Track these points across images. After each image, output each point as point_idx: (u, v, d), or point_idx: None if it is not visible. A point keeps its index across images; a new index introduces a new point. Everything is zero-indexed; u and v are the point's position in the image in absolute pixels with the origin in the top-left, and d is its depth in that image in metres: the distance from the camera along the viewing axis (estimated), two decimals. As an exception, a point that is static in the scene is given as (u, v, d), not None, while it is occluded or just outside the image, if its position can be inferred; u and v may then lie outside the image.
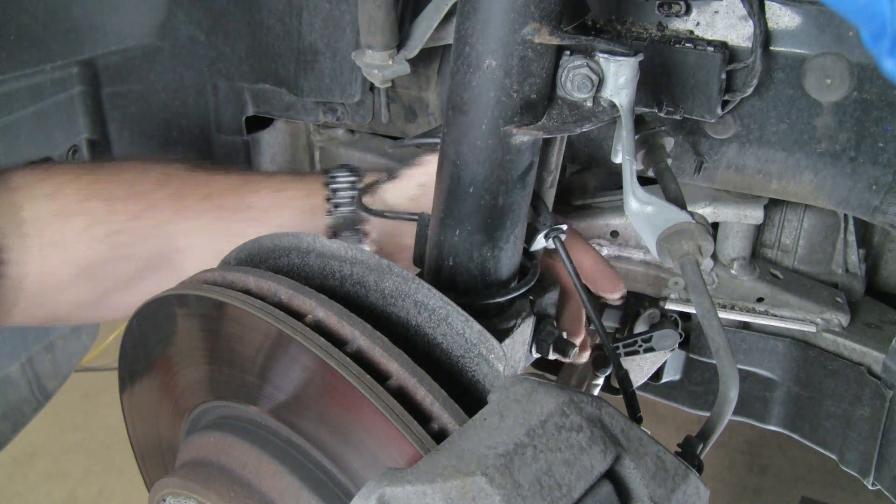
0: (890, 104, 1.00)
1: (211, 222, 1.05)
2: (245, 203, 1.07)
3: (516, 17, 0.72)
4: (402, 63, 0.99)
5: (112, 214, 1.01)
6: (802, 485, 2.57)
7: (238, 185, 1.09)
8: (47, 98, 1.21)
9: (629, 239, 1.34)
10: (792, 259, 1.37)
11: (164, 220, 1.03)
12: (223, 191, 1.07)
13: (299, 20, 1.27)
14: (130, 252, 1.02)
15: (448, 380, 0.71)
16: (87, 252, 1.00)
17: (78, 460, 2.69)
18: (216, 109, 1.45)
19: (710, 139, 1.12)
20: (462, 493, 0.55)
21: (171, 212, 1.03)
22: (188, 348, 0.83)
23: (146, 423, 0.97)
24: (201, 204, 1.05)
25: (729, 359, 0.77)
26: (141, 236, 1.02)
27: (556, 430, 0.61)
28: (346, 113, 1.35)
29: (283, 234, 0.84)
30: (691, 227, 0.83)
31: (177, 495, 0.80)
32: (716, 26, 1.01)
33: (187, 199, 1.05)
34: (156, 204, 1.03)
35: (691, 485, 0.65)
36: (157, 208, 1.03)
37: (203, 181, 1.07)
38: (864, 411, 1.24)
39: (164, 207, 1.03)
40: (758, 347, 1.35)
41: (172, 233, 1.03)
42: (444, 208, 0.85)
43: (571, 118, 0.80)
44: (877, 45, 0.43)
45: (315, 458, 0.72)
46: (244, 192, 1.08)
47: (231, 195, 1.07)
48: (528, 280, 0.92)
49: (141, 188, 1.03)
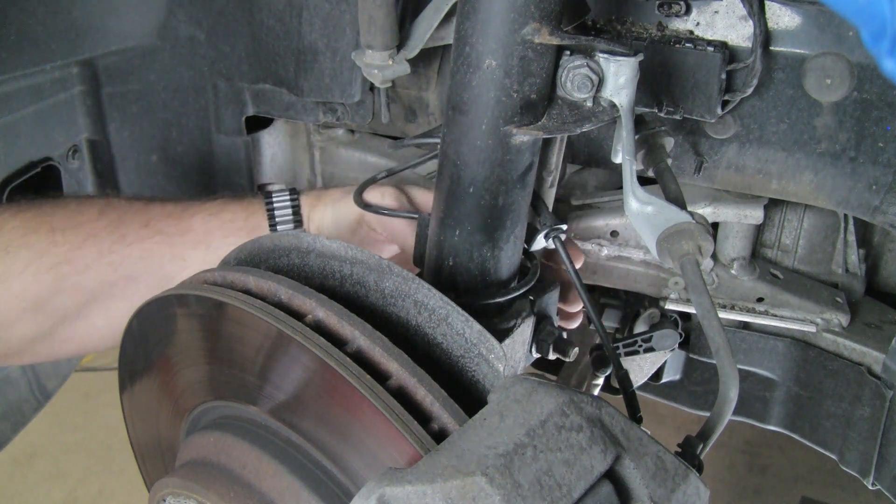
0: (890, 104, 1.00)
1: (153, 247, 1.06)
2: (184, 227, 1.08)
3: (516, 17, 0.72)
4: (402, 63, 0.99)
5: (54, 246, 1.01)
6: (802, 485, 2.57)
7: (176, 210, 1.10)
8: (47, 98, 1.21)
9: (629, 239, 1.34)
10: (792, 259, 1.37)
11: (107, 249, 1.04)
12: (162, 216, 1.09)
13: (299, 20, 1.27)
14: (77, 283, 1.02)
15: (448, 380, 0.71)
16: (32, 286, 1.00)
17: (78, 460, 2.69)
18: (216, 109, 1.44)
19: (710, 139, 1.12)
20: (462, 493, 0.55)
21: (112, 240, 1.04)
22: (188, 348, 0.83)
23: (146, 423, 0.97)
24: (142, 230, 1.06)
25: (729, 359, 0.77)
26: (85, 266, 1.03)
27: (556, 430, 0.61)
28: (346, 113, 1.35)
29: (283, 235, 0.84)
30: (691, 227, 0.83)
31: (177, 495, 0.80)
32: (716, 26, 1.01)
33: (127, 226, 1.06)
34: (97, 233, 1.04)
35: (691, 485, 0.65)
36: (98, 237, 1.03)
37: (142, 209, 1.09)
38: (864, 411, 1.24)
39: (106, 236, 1.04)
40: (758, 347, 1.35)
41: (115, 261, 1.04)
42: (444, 208, 0.85)
43: (571, 118, 0.80)
44: (877, 45, 0.43)
45: (315, 458, 0.72)
46: (182, 217, 1.09)
47: (170, 220, 1.08)
48: (528, 280, 0.92)
49: (80, 218, 1.04)
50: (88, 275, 1.03)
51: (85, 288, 1.03)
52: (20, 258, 1.00)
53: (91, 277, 1.03)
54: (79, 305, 1.04)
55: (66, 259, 1.01)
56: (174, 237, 1.07)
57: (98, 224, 1.04)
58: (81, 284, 1.03)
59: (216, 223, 1.09)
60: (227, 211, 1.11)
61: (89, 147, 1.31)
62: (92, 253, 1.03)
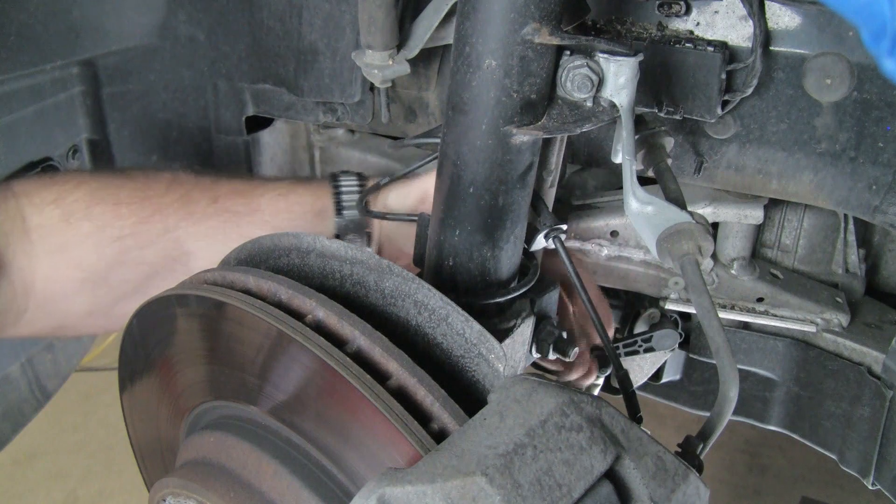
0: (890, 104, 1.00)
1: (219, 225, 1.05)
2: (253, 206, 1.07)
3: (516, 17, 0.72)
4: (402, 63, 0.99)
5: (119, 219, 1.00)
6: (802, 485, 2.57)
7: (245, 188, 1.09)
8: (47, 98, 1.21)
9: (629, 239, 1.34)
10: (792, 259, 1.37)
11: (173, 225, 1.02)
12: (231, 194, 1.07)
13: (299, 20, 1.27)
14: (139, 257, 1.01)
15: (448, 380, 0.71)
16: (94, 257, 0.99)
17: (78, 460, 2.69)
18: (216, 109, 1.44)
19: (710, 139, 1.12)
20: (462, 493, 0.55)
21: (180, 216, 1.03)
22: (188, 348, 0.83)
23: (146, 423, 0.97)
24: (209, 208, 1.05)
25: (729, 359, 0.77)
26: (149, 241, 1.01)
27: (556, 430, 0.61)
28: (346, 113, 1.35)
29: (283, 234, 0.84)
30: (691, 227, 0.83)
31: (177, 495, 0.80)
32: (716, 26, 1.01)
33: (195, 204, 1.04)
34: (163, 208, 1.02)
35: (691, 485, 0.65)
36: (164, 213, 1.02)
37: (210, 185, 1.07)
38: (864, 411, 1.24)
39: (172, 212, 1.03)
40: (758, 347, 1.35)
41: (181, 237, 1.03)
42: (444, 208, 0.85)
43: (571, 118, 0.80)
44: (877, 45, 0.43)
45: (315, 458, 0.72)
46: (252, 196, 1.08)
47: (239, 198, 1.07)
48: (528, 280, 0.92)
49: (148, 192, 1.03)
50: (152, 250, 1.01)
51: (147, 262, 1.02)
52: (82, 229, 0.98)
53: (154, 253, 1.02)
54: (140, 280, 1.02)
55: (132, 233, 1.00)
56: (242, 216, 1.06)
57: (165, 199, 1.03)
58: (144, 258, 1.01)
59: (284, 204, 1.08)
60: (294, 193, 1.10)
61: (89, 147, 1.31)
62: (158, 228, 1.01)
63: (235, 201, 1.07)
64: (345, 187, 1.11)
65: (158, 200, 1.03)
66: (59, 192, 0.98)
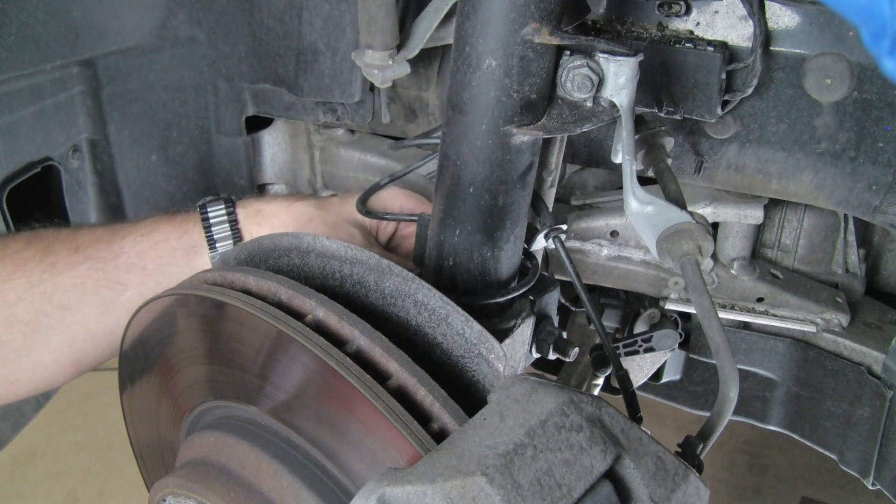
0: (890, 104, 1.00)
1: (85, 273, 1.03)
2: (115, 250, 1.05)
3: (516, 17, 0.72)
4: (402, 63, 0.99)
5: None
6: (802, 485, 2.57)
7: (106, 234, 1.07)
8: (47, 98, 1.21)
9: (629, 239, 1.34)
10: (792, 259, 1.37)
11: (37, 279, 1.01)
12: (92, 242, 1.05)
13: (299, 20, 1.27)
14: (11, 316, 0.99)
15: (448, 380, 0.71)
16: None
17: (78, 460, 2.69)
18: (216, 109, 1.44)
19: (710, 139, 1.12)
20: (462, 493, 0.55)
21: (42, 268, 1.01)
22: (188, 348, 0.83)
23: (146, 423, 0.97)
24: (71, 257, 1.03)
25: (729, 359, 0.77)
26: (16, 298, 1.00)
27: (556, 430, 0.61)
28: (346, 113, 1.35)
29: (283, 235, 0.84)
30: (691, 227, 0.83)
31: (177, 495, 0.80)
32: (716, 26, 1.01)
33: (56, 255, 1.02)
34: (24, 263, 1.01)
35: (691, 485, 0.65)
36: (26, 268, 1.01)
37: (70, 236, 1.05)
38: (864, 411, 1.24)
39: (34, 265, 1.01)
40: (758, 347, 1.35)
41: (47, 290, 1.01)
42: (444, 208, 0.85)
43: (571, 118, 0.80)
44: (877, 45, 0.43)
45: (315, 458, 0.72)
46: (113, 241, 1.06)
47: (100, 245, 1.05)
48: (528, 280, 0.92)
49: (7, 251, 1.01)
50: (22, 307, 0.99)
51: (21, 321, 1.00)
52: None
53: (25, 310, 1.00)
54: (17, 341, 1.00)
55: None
56: (106, 261, 1.04)
57: (25, 254, 1.01)
58: (17, 317, 0.99)
59: (148, 244, 1.06)
60: (158, 231, 1.07)
61: (89, 147, 1.31)
62: (22, 284, 1.00)
63: (97, 247, 1.05)
64: (213, 218, 1.08)
65: (19, 256, 1.01)
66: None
